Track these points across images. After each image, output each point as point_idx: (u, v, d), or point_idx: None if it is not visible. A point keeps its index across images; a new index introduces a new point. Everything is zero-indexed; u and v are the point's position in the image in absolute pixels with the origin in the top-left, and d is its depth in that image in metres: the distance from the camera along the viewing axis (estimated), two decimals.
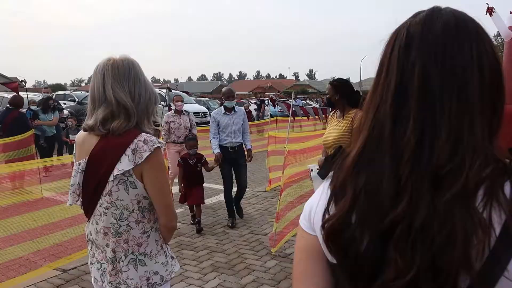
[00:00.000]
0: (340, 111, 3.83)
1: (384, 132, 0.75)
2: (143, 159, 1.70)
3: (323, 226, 0.78)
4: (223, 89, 5.84)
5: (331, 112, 4.21)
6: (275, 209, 6.36)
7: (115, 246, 1.81)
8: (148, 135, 1.77)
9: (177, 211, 6.09)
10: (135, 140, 1.72)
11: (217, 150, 5.53)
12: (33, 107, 9.12)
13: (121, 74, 1.78)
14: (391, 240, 0.70)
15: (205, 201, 6.04)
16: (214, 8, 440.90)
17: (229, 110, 5.63)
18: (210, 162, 5.81)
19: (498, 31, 4.11)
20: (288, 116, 7.14)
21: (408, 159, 0.70)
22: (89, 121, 1.80)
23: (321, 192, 0.85)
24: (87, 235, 1.93)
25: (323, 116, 9.72)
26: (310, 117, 14.23)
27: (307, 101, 27.65)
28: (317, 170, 3.81)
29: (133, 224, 1.79)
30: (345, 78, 4.31)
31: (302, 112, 9.66)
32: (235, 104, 5.78)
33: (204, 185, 5.84)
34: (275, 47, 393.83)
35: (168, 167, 6.25)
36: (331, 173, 0.85)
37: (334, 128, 3.81)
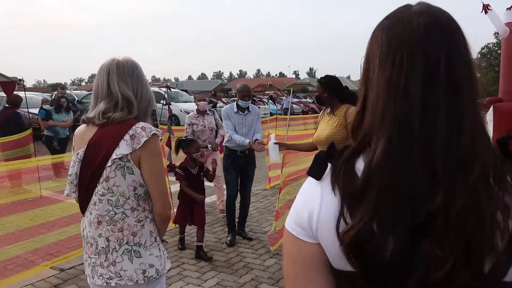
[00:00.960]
0: (330, 107, 3.80)
1: (412, 123, 0.72)
2: (141, 144, 1.76)
3: (342, 238, 0.73)
4: (238, 86, 5.16)
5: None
6: (274, 207, 6.32)
7: (109, 234, 1.81)
8: (146, 123, 1.84)
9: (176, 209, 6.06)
10: (134, 127, 1.78)
11: (247, 140, 4.77)
12: (46, 107, 8.82)
13: (125, 73, 1.86)
14: (426, 235, 0.69)
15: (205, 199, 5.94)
16: (214, 8, 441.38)
17: (242, 109, 4.97)
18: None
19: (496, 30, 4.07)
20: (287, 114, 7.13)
21: (443, 149, 0.70)
22: (89, 114, 1.87)
23: (320, 195, 0.79)
24: (83, 230, 1.93)
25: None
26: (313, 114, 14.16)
27: (307, 99, 27.61)
28: (274, 140, 4.03)
29: (128, 212, 1.81)
30: (345, 76, 4.29)
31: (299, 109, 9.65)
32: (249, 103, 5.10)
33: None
34: (275, 46, 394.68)
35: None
36: (327, 172, 0.79)
37: (325, 125, 3.78)
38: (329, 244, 0.77)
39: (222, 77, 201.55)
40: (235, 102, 5.04)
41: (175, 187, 7.35)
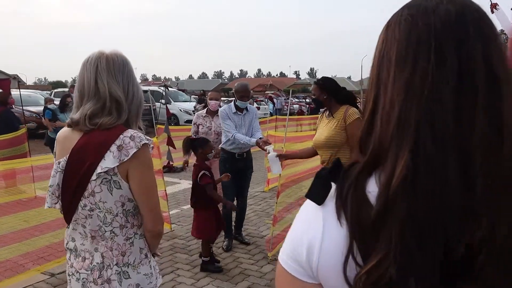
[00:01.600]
0: (329, 110, 3.69)
1: (444, 131, 0.58)
2: (129, 156, 1.56)
3: (357, 283, 0.59)
4: (237, 85, 4.80)
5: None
6: (272, 210, 6.18)
7: (104, 250, 1.65)
8: (135, 131, 1.64)
9: (172, 212, 5.93)
10: (121, 136, 1.58)
11: (254, 139, 4.49)
12: (51, 106, 8.48)
13: (116, 69, 1.65)
14: (463, 275, 0.55)
15: None
16: (215, 8, 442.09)
17: (240, 110, 4.73)
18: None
19: (502, 29, 3.95)
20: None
21: (483, 165, 0.56)
22: (74, 115, 1.65)
23: (322, 224, 0.65)
24: (67, 243, 1.76)
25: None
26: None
27: (306, 99, 27.50)
28: (274, 152, 3.81)
29: (117, 230, 1.64)
30: (346, 76, 4.18)
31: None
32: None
33: None
34: (276, 46, 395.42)
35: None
36: (331, 195, 0.65)
37: (324, 127, 3.68)
38: (333, 285, 0.63)
39: (223, 76, 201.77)
40: (233, 102, 4.79)
41: (171, 189, 7.25)
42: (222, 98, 22.38)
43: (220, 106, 5.14)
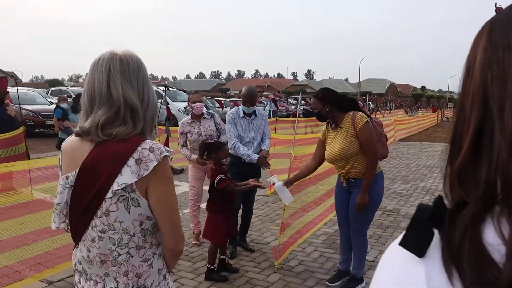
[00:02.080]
0: (334, 121, 3.56)
1: None
2: (149, 171, 1.39)
3: None
4: (243, 89, 4.76)
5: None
6: (276, 215, 6.06)
7: (117, 276, 1.49)
8: (154, 142, 1.48)
9: None
10: (139, 148, 1.42)
11: (255, 155, 4.44)
12: (64, 105, 8.13)
13: (130, 72, 1.48)
14: None
15: (202, 205, 5.65)
16: (213, 8, 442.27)
17: (248, 114, 4.62)
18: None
19: None
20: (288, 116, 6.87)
21: None
22: (84, 123, 1.48)
23: (425, 282, 0.51)
24: (75, 265, 1.59)
25: None
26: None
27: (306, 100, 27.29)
28: (278, 181, 3.64)
29: (133, 251, 1.47)
30: (343, 79, 4.06)
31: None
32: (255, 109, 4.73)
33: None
34: (276, 46, 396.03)
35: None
36: (434, 245, 0.52)
37: (334, 141, 3.55)
38: None
39: (220, 76, 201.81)
40: (241, 106, 4.69)
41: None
42: (221, 99, 22.25)
43: (208, 108, 4.98)
